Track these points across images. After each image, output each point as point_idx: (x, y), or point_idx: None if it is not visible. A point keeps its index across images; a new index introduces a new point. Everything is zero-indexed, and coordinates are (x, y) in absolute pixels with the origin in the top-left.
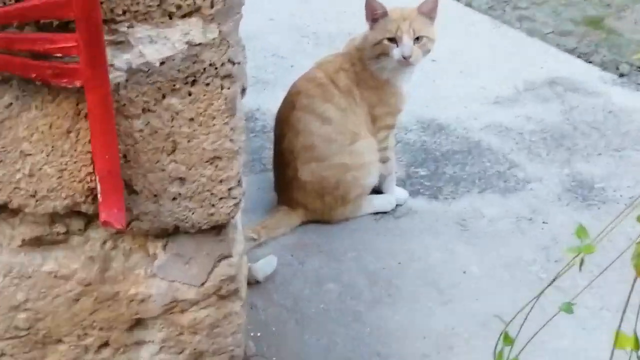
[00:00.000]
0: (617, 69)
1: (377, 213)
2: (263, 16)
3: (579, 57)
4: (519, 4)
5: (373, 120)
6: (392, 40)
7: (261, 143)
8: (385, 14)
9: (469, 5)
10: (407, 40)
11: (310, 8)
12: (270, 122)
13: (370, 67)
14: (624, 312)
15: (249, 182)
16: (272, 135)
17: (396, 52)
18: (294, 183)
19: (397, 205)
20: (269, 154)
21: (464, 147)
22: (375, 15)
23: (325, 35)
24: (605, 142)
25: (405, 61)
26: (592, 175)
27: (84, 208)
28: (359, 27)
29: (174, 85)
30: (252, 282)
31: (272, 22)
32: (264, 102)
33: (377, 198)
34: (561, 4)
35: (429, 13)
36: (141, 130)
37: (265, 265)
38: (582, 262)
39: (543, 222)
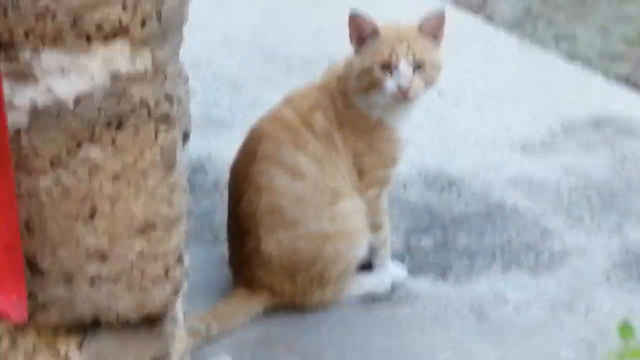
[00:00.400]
0: None
1: (366, 297)
2: (215, 34)
3: (634, 88)
4: (555, 18)
5: (360, 174)
6: (386, 67)
7: (212, 204)
8: (376, 33)
9: (489, 19)
10: (404, 68)
11: (278, 24)
12: (225, 176)
13: (357, 104)
14: None
15: (194, 256)
16: (226, 193)
17: (390, 84)
18: (255, 257)
19: (392, 287)
20: (222, 218)
21: (482, 209)
22: (362, 35)
23: (298, 60)
24: None
25: (403, 95)
26: None
27: None
28: (343, 49)
29: (94, 131)
30: None
31: (227, 41)
32: (216, 148)
33: (366, 278)
34: (611, 18)
35: (433, 32)
36: (49, 191)
37: None
38: None
39: (587, 310)
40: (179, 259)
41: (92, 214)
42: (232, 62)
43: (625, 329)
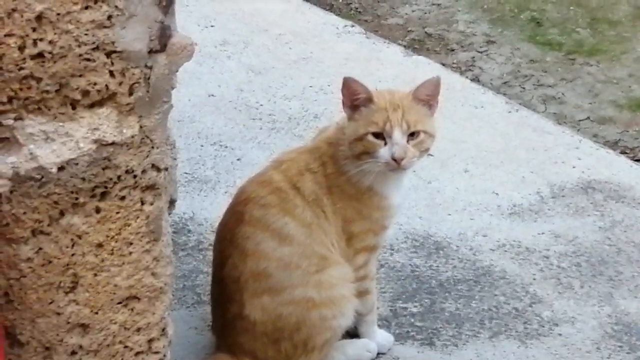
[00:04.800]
0: None
1: None
2: (200, 90)
3: (623, 152)
4: (543, 80)
5: (349, 240)
6: (379, 136)
7: (195, 265)
8: (369, 99)
9: (476, 80)
10: (399, 137)
11: (264, 81)
12: (209, 237)
13: (348, 170)
14: None
15: (177, 319)
16: (210, 254)
17: (384, 153)
18: (238, 323)
19: (379, 354)
20: (205, 280)
21: (470, 275)
22: (356, 101)
23: (285, 118)
24: None
25: (397, 164)
26: None
27: None
28: (330, 107)
29: (77, 199)
30: None
31: (213, 98)
32: (200, 208)
33: (351, 345)
34: (599, 81)
35: (428, 100)
36: (30, 260)
37: None
38: None
39: None
40: (163, 331)
41: (74, 285)
42: (217, 119)
43: None
